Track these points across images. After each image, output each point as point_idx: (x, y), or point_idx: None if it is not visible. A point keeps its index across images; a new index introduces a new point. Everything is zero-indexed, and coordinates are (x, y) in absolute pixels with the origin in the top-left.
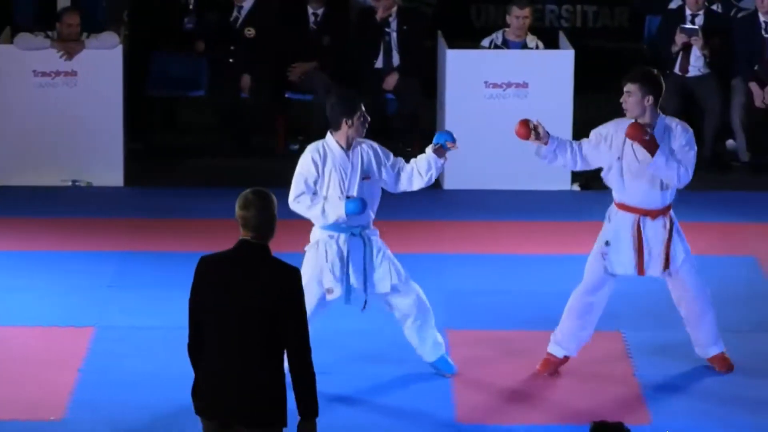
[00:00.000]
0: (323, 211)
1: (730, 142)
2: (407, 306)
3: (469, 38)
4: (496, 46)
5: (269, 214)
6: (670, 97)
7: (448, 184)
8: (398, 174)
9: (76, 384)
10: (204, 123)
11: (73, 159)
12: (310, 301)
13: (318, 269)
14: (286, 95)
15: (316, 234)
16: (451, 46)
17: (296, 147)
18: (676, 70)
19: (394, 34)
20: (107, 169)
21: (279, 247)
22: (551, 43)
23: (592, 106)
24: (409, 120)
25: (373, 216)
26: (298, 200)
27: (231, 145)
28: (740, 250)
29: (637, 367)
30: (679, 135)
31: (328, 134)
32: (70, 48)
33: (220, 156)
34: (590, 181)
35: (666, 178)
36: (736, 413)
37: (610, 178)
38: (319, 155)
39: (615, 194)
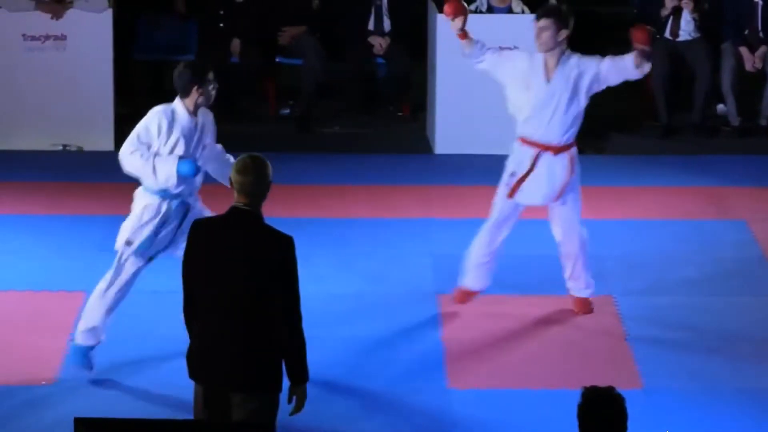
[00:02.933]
0: (154, 168)
1: (720, 107)
2: None
3: None
4: (480, 12)
5: (266, 181)
6: (660, 62)
7: (440, 150)
8: (221, 152)
9: (68, 348)
10: None
11: (63, 123)
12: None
13: (137, 224)
14: (277, 59)
15: (146, 198)
16: (442, 11)
17: (287, 111)
18: (667, 34)
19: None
20: (98, 134)
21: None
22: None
23: None
24: (399, 84)
25: (200, 183)
26: (133, 154)
27: (220, 110)
28: (731, 214)
29: (629, 332)
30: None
31: (177, 99)
32: (55, 9)
33: None
34: None
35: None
36: (727, 378)
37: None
38: (167, 120)
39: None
